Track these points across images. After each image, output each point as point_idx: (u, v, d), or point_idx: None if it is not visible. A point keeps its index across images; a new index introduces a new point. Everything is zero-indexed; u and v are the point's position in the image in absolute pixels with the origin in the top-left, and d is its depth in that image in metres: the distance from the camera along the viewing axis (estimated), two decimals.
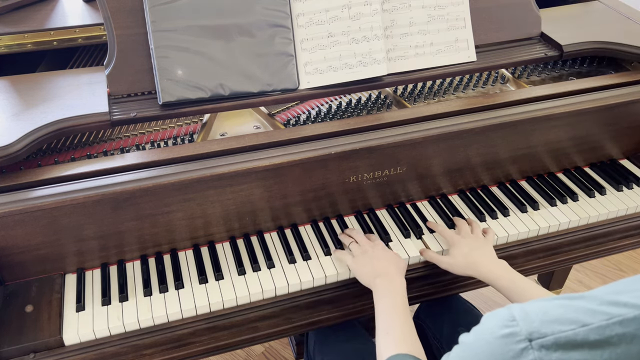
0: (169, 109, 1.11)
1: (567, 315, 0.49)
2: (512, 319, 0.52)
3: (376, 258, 1.05)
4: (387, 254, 1.06)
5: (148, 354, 1.03)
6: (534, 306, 0.52)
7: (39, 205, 0.97)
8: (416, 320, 1.34)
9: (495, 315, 0.54)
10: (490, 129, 1.19)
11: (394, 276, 1.00)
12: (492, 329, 0.53)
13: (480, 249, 1.08)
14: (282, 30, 1.13)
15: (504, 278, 1.01)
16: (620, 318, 0.47)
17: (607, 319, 0.48)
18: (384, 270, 1.02)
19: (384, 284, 0.99)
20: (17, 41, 1.27)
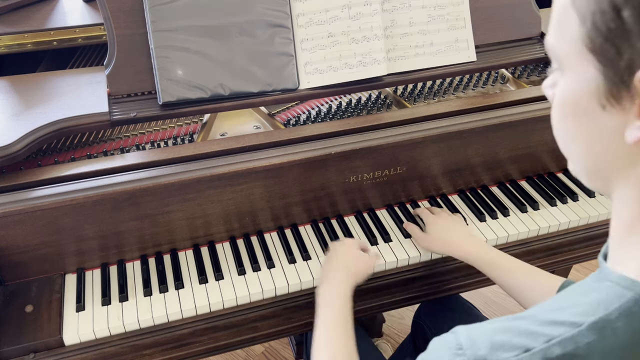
0: (169, 109, 1.11)
1: (511, 340, 0.49)
2: (459, 347, 0.52)
3: (334, 258, 1.03)
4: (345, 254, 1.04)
5: (148, 354, 1.03)
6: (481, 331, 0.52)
7: (39, 205, 0.97)
8: (416, 320, 1.34)
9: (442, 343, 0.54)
10: (490, 129, 1.19)
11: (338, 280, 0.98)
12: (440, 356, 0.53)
13: (456, 226, 1.11)
14: (282, 30, 1.13)
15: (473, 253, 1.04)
16: (559, 339, 0.47)
17: (547, 340, 0.48)
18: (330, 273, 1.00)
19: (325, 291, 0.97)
20: (17, 41, 1.27)
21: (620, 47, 0.44)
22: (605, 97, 0.47)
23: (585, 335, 0.47)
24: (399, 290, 1.15)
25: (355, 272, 1.01)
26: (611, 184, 0.53)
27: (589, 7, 0.46)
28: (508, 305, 2.05)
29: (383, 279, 1.13)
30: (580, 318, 0.48)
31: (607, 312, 0.47)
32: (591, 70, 0.48)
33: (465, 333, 0.53)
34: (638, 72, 0.44)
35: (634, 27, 0.43)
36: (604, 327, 0.47)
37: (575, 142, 0.54)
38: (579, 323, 0.47)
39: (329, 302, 0.93)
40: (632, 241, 0.52)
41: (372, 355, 1.20)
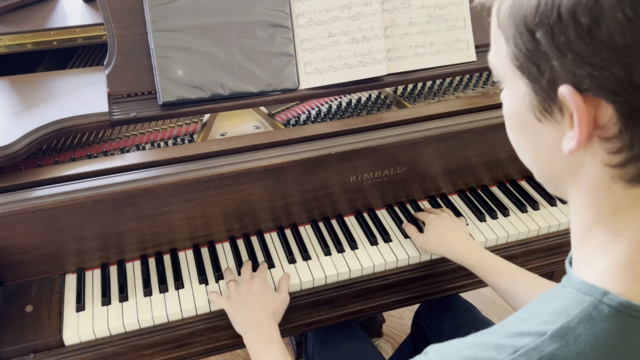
0: (169, 109, 1.11)
1: (479, 355, 0.50)
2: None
3: (249, 304, 0.98)
4: (262, 297, 0.99)
5: (148, 354, 1.03)
6: (451, 349, 0.53)
7: (39, 205, 0.97)
8: (416, 320, 1.35)
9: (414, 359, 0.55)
10: (490, 129, 1.19)
11: (264, 326, 0.96)
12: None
13: (453, 230, 1.10)
14: (282, 30, 1.13)
15: (472, 257, 1.03)
16: (524, 349, 0.48)
17: (513, 352, 0.48)
18: (255, 320, 0.97)
19: (255, 339, 0.95)
20: (17, 41, 1.27)
21: (540, 65, 0.47)
22: (539, 111, 0.50)
23: (549, 343, 0.47)
24: (399, 290, 1.15)
25: (276, 312, 1.00)
26: (565, 192, 0.55)
27: (510, 29, 0.48)
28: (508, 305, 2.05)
29: (383, 279, 1.13)
30: (544, 327, 0.48)
31: (568, 319, 0.48)
32: (523, 86, 0.50)
33: (436, 352, 0.54)
34: (560, 88, 0.46)
35: (548, 47, 0.45)
36: (566, 334, 0.47)
37: (525, 152, 0.57)
38: (542, 332, 0.48)
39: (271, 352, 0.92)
40: (588, 246, 0.53)
41: (372, 356, 1.20)
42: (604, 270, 0.50)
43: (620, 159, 0.47)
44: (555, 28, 0.44)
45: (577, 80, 0.45)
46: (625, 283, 0.48)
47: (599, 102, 0.45)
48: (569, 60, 0.44)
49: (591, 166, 0.49)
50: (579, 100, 0.45)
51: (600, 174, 0.49)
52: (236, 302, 1.00)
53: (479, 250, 1.05)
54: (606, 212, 0.51)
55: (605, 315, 0.47)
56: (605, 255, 0.51)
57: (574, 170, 0.51)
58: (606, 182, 0.49)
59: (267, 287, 1.03)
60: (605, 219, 0.51)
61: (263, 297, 1.00)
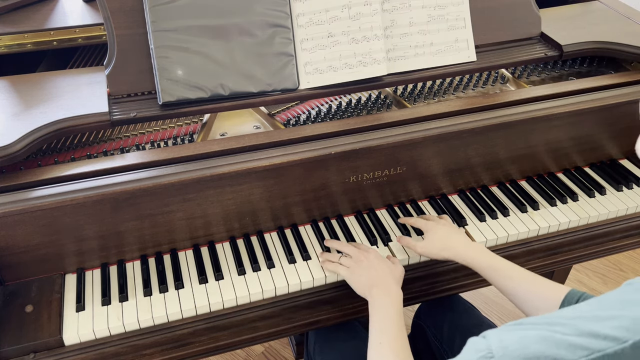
0: (169, 109, 1.11)
1: (547, 351, 0.47)
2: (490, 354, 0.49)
3: (372, 268, 1.02)
4: (383, 263, 1.04)
5: (148, 354, 1.03)
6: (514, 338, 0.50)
7: (39, 205, 0.97)
8: (416, 320, 1.34)
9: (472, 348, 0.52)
10: (490, 129, 1.19)
11: (390, 286, 0.98)
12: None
13: (456, 234, 1.10)
14: (282, 30, 1.13)
15: (479, 259, 1.02)
16: (600, 354, 0.46)
17: (588, 354, 0.46)
18: (381, 280, 1.00)
19: (380, 295, 0.97)
20: (17, 41, 1.27)
21: None
22: None
23: (629, 354, 0.45)
24: None
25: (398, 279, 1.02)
26: None
27: None
28: (508, 305, 2.05)
29: None
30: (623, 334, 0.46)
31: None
32: None
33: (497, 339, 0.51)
34: None
35: None
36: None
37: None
38: (622, 339, 0.45)
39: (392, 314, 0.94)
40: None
41: None
42: None
43: None
44: None
45: None
46: None
47: None
48: None
49: None
50: None
51: None
52: (358, 268, 1.03)
53: (485, 253, 1.04)
54: None
55: None
56: None
57: None
58: None
59: (383, 257, 1.05)
60: None
61: (384, 263, 1.04)
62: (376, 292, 0.98)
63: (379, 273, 1.01)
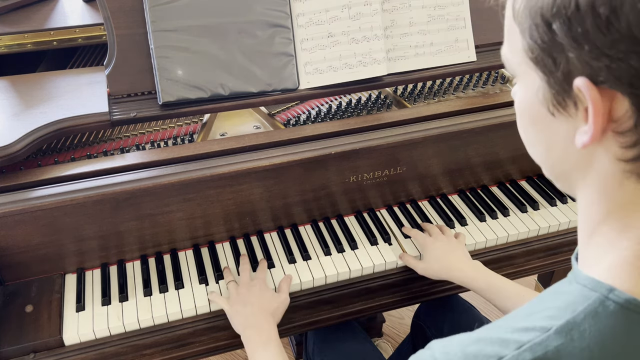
0: (169, 109, 1.11)
1: (484, 350, 0.50)
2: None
3: (250, 304, 0.99)
4: (263, 299, 1.00)
5: (148, 354, 1.03)
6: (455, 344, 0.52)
7: (39, 205, 0.97)
8: (416, 320, 1.34)
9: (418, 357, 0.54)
10: (490, 129, 1.19)
11: (263, 325, 0.96)
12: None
13: (453, 252, 1.07)
14: (282, 30, 1.13)
15: (479, 280, 1.01)
16: (529, 344, 0.48)
17: (518, 347, 0.48)
18: (254, 319, 0.97)
19: (254, 336, 0.95)
20: (17, 41, 1.27)
21: (556, 58, 0.46)
22: (553, 105, 0.49)
23: (554, 339, 0.47)
24: (399, 290, 1.15)
25: (275, 313, 1.00)
26: (574, 187, 0.55)
27: (526, 21, 0.48)
28: None
29: (383, 279, 1.13)
30: (549, 322, 0.48)
31: (573, 314, 0.48)
32: (537, 79, 0.50)
33: (440, 347, 0.53)
34: (575, 80, 0.46)
35: (564, 39, 0.45)
36: (571, 329, 0.47)
37: (536, 148, 0.56)
38: (547, 327, 0.48)
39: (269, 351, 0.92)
40: (595, 242, 0.53)
41: (372, 356, 1.20)
42: (610, 266, 0.50)
43: (633, 153, 0.46)
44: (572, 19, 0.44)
45: (594, 72, 0.44)
46: (632, 280, 0.48)
47: (615, 94, 0.45)
48: (585, 51, 0.44)
49: (603, 161, 0.49)
50: (594, 93, 0.45)
51: (612, 168, 0.49)
52: (236, 303, 1.00)
53: (485, 272, 1.03)
54: (615, 208, 0.51)
55: (611, 312, 0.47)
56: (613, 252, 0.50)
57: (585, 165, 0.51)
58: (617, 177, 0.49)
59: (267, 288, 1.03)
60: (614, 215, 0.51)
61: (263, 297, 1.01)
62: (250, 333, 0.95)
63: (254, 311, 0.98)
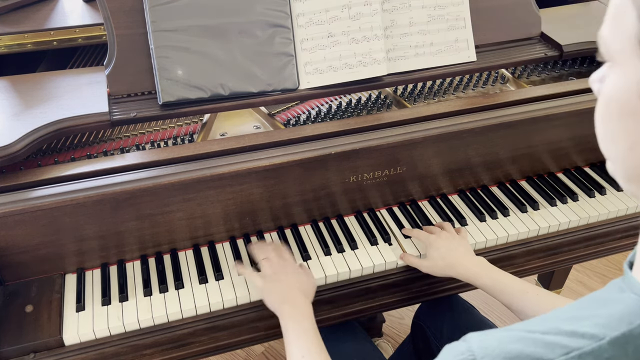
0: (169, 109, 1.11)
1: (526, 350, 0.48)
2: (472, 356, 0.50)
3: (285, 283, 0.99)
4: (296, 278, 1.01)
5: (148, 354, 1.03)
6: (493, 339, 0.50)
7: (39, 205, 0.97)
8: (416, 321, 1.34)
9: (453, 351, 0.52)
10: (490, 129, 1.19)
11: (299, 301, 0.96)
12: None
13: (457, 249, 1.07)
14: (282, 30, 1.13)
15: (484, 276, 1.01)
16: (578, 352, 0.46)
17: (566, 353, 0.46)
18: (290, 296, 0.97)
19: (289, 311, 0.95)
20: (17, 41, 1.27)
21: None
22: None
23: (606, 349, 0.45)
24: (399, 290, 1.15)
25: (308, 293, 1.00)
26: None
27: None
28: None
29: (383, 279, 1.13)
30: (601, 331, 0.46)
31: (630, 327, 0.45)
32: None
33: (478, 340, 0.51)
34: None
35: None
36: (627, 342, 0.45)
37: (617, 142, 0.51)
38: (600, 336, 0.46)
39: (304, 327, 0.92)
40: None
41: (372, 355, 1.20)
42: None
43: None
44: None
45: None
46: None
47: None
48: None
49: None
50: None
51: None
52: (271, 279, 1.00)
53: (489, 269, 1.02)
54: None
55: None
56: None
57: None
58: None
59: (300, 269, 1.03)
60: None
61: (297, 275, 1.01)
62: (285, 308, 0.95)
63: (290, 288, 0.98)
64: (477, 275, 1.02)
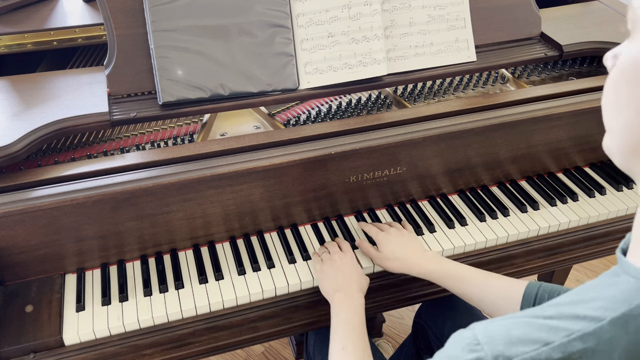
0: (169, 109, 1.11)
1: (530, 334, 0.49)
2: (477, 342, 0.51)
3: (341, 271, 1.02)
4: (354, 269, 1.04)
5: (148, 354, 1.03)
6: (498, 326, 0.52)
7: (39, 205, 0.97)
8: (417, 320, 1.35)
9: (459, 338, 0.54)
10: (490, 129, 1.19)
11: (353, 293, 0.99)
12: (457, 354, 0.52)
13: (407, 244, 1.08)
14: (282, 30, 1.13)
15: (437, 269, 1.02)
16: (580, 333, 0.47)
17: (568, 335, 0.47)
18: (347, 285, 1.00)
19: (342, 299, 0.97)
20: (17, 41, 1.27)
21: None
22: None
23: (607, 330, 0.46)
24: (399, 290, 1.15)
25: (362, 286, 1.02)
26: None
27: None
28: None
29: (384, 279, 1.13)
30: (601, 313, 0.47)
31: (630, 307, 0.47)
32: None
33: (482, 328, 0.52)
34: None
35: None
36: (627, 322, 0.46)
37: (623, 110, 0.52)
38: (600, 318, 0.47)
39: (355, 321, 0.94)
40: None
41: (372, 356, 1.20)
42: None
43: None
44: None
45: None
46: None
47: None
48: None
49: None
50: None
51: None
52: (328, 269, 1.03)
53: (440, 260, 1.03)
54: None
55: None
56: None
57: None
58: None
59: (357, 264, 1.06)
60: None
61: (354, 268, 1.04)
62: (339, 296, 0.98)
63: (346, 278, 1.01)
64: (427, 269, 1.03)
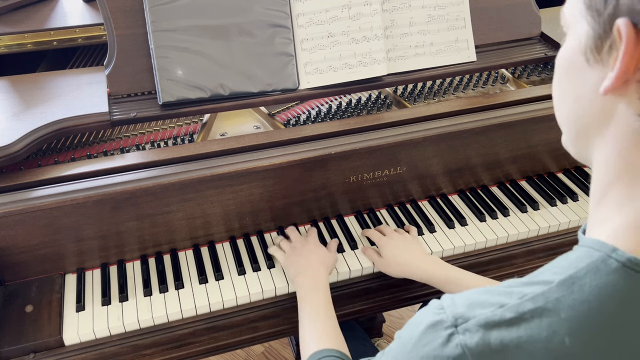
0: (169, 109, 1.11)
1: (489, 299, 0.53)
2: (441, 307, 0.55)
3: (303, 256, 1.06)
4: (316, 253, 1.07)
5: (148, 354, 1.03)
6: (462, 295, 0.56)
7: (39, 205, 0.97)
8: None
9: (428, 306, 0.57)
10: (490, 129, 1.19)
11: (316, 273, 1.02)
12: (423, 317, 0.56)
13: (409, 249, 1.09)
14: (282, 30, 1.13)
15: (438, 274, 1.02)
16: (531, 295, 0.51)
17: (521, 297, 0.51)
18: (308, 267, 1.03)
19: (305, 282, 1.01)
20: (17, 41, 1.27)
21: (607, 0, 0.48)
22: (590, 50, 0.51)
23: (555, 291, 0.50)
24: (399, 290, 1.15)
25: (327, 264, 1.06)
26: (591, 147, 0.56)
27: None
28: None
29: (384, 279, 1.13)
30: (552, 277, 0.51)
31: (576, 270, 0.51)
32: (584, 25, 0.51)
33: (449, 297, 0.56)
34: (617, 20, 0.47)
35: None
36: (573, 283, 0.50)
37: (564, 100, 0.57)
38: (550, 281, 0.51)
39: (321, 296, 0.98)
40: (606, 202, 0.55)
41: (372, 355, 1.20)
42: (616, 229, 0.52)
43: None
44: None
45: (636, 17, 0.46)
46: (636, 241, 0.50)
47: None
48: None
49: (624, 116, 0.50)
50: (631, 33, 0.46)
51: (631, 126, 0.50)
52: (291, 255, 1.07)
53: (442, 266, 1.04)
54: (627, 169, 0.52)
55: (612, 269, 0.49)
56: (620, 214, 0.52)
57: (606, 118, 0.52)
58: (635, 137, 0.50)
59: (320, 245, 1.10)
60: (625, 177, 0.52)
61: (317, 251, 1.08)
62: (301, 279, 1.02)
63: (309, 261, 1.05)
64: (430, 274, 1.03)
